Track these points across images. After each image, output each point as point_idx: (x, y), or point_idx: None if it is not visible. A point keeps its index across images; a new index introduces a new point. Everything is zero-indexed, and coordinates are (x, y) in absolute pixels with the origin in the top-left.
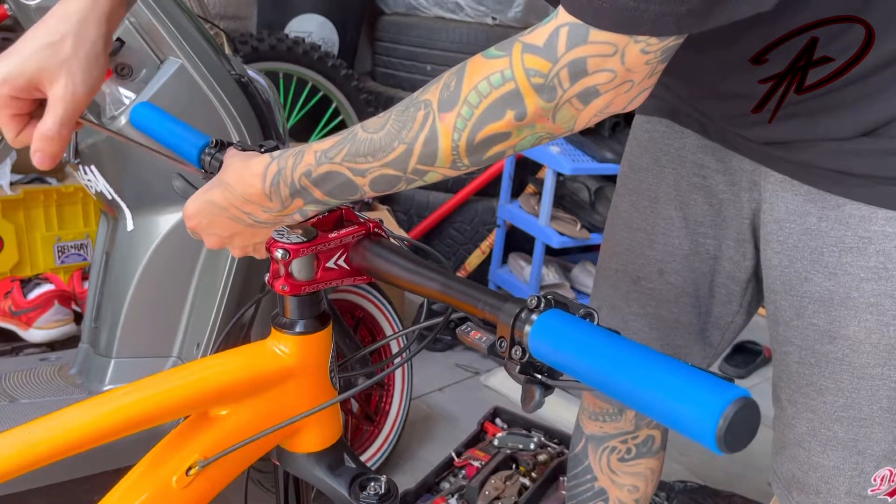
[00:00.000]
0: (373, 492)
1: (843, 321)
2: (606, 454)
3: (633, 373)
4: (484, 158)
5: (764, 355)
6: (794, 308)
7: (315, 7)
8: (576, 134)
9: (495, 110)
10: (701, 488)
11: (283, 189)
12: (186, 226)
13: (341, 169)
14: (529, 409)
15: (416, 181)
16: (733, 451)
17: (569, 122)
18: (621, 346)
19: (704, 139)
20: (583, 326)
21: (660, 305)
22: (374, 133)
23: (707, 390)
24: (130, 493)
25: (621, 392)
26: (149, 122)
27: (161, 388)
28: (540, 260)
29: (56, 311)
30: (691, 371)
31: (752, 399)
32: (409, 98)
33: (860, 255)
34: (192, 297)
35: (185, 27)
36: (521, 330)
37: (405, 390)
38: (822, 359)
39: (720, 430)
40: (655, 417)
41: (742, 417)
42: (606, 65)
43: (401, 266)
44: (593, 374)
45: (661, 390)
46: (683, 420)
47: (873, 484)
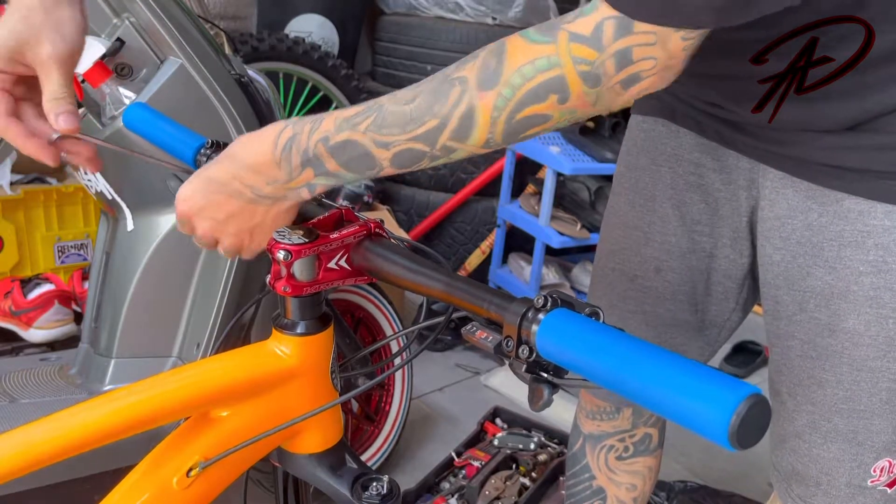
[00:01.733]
0: (375, 492)
1: (843, 314)
2: (604, 453)
3: (644, 371)
4: (518, 138)
5: (764, 355)
6: (796, 303)
7: (315, 7)
8: (576, 134)
9: (539, 93)
10: (701, 488)
11: (294, 156)
12: (177, 213)
13: (363, 139)
14: (538, 408)
15: (441, 158)
16: (745, 448)
17: (608, 105)
18: (630, 344)
19: (701, 138)
20: (590, 325)
21: (657, 303)
22: (404, 105)
23: (719, 388)
24: (131, 493)
25: (631, 390)
26: (142, 124)
27: (162, 389)
28: (540, 260)
29: (56, 311)
30: (702, 369)
31: (763, 396)
32: (440, 73)
33: (859, 248)
34: (192, 297)
35: (185, 27)
36: (529, 329)
37: (405, 390)
38: (822, 352)
39: (733, 427)
40: (666, 415)
41: (754, 414)
42: (649, 53)
43: (404, 266)
44: (603, 372)
45: (672, 388)
46: (696, 417)
47: (873, 475)
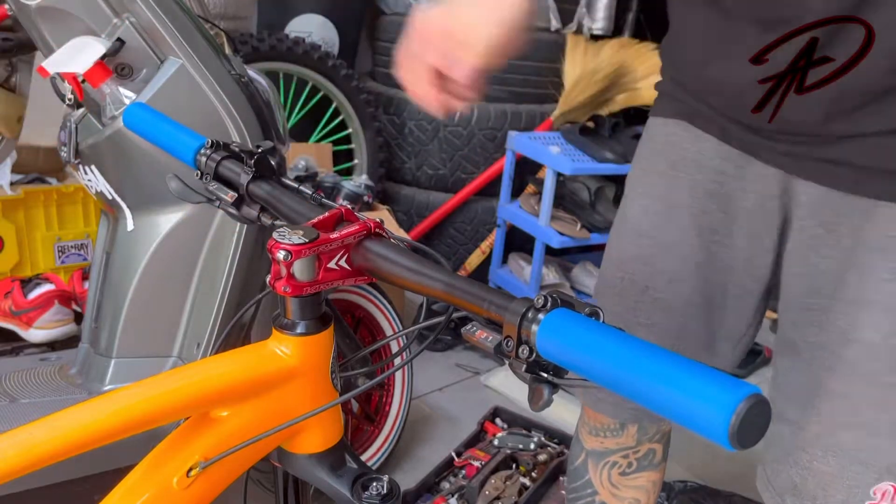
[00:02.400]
0: (375, 492)
1: (861, 324)
2: (607, 469)
3: (644, 370)
4: None
5: (764, 355)
6: (824, 311)
7: (315, 7)
8: (576, 134)
9: None
10: (701, 488)
11: None
12: None
13: None
14: (539, 408)
15: None
16: (745, 448)
17: None
18: (630, 344)
19: (724, 144)
20: (590, 325)
21: (668, 316)
22: None
23: (719, 388)
24: (131, 493)
25: (631, 390)
26: (142, 124)
27: (162, 389)
28: (540, 260)
29: (56, 311)
30: (702, 368)
31: (763, 396)
32: None
33: (885, 255)
34: (192, 297)
35: (185, 27)
36: (529, 329)
37: (405, 390)
38: (836, 362)
39: (733, 427)
40: (665, 415)
41: (754, 414)
42: None
43: (404, 266)
44: (603, 371)
45: (672, 388)
46: (695, 417)
47: (873, 497)
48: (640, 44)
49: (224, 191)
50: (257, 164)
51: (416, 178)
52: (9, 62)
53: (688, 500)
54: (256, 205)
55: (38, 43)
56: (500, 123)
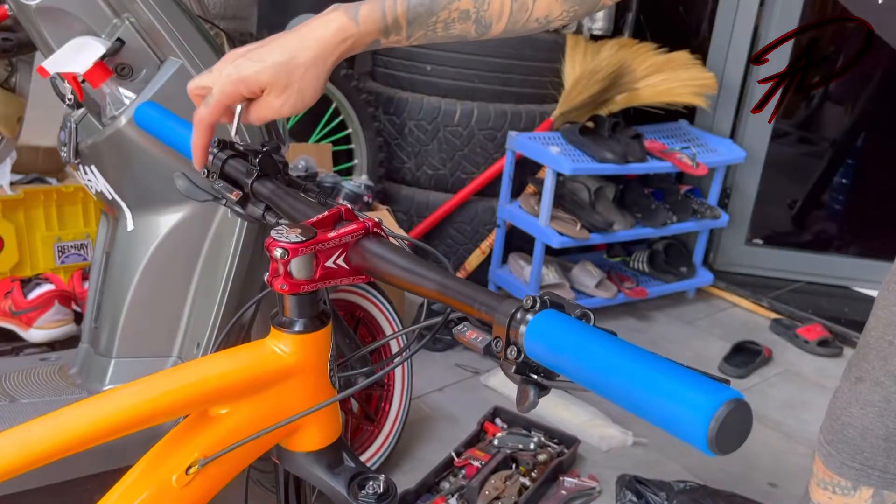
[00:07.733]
0: (371, 491)
1: None
2: None
3: (626, 374)
4: None
5: (764, 355)
6: None
7: (315, 7)
8: (576, 134)
9: None
10: (701, 488)
11: None
12: None
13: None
14: (524, 410)
15: None
16: (724, 453)
17: None
18: (615, 348)
19: None
20: (577, 327)
21: None
22: None
23: (699, 392)
24: (131, 492)
25: (614, 393)
26: (153, 123)
27: (161, 387)
28: (540, 260)
29: (56, 311)
30: (685, 372)
31: (744, 401)
32: None
33: None
34: (192, 297)
35: (185, 27)
36: (517, 330)
37: (405, 390)
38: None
39: (711, 432)
40: (647, 419)
41: (734, 419)
42: None
43: (398, 266)
44: (586, 374)
45: (652, 391)
46: (675, 421)
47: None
48: (640, 44)
49: (230, 189)
50: (262, 163)
51: (416, 178)
52: (9, 62)
53: (688, 500)
54: (261, 203)
55: (38, 43)
56: (499, 123)
